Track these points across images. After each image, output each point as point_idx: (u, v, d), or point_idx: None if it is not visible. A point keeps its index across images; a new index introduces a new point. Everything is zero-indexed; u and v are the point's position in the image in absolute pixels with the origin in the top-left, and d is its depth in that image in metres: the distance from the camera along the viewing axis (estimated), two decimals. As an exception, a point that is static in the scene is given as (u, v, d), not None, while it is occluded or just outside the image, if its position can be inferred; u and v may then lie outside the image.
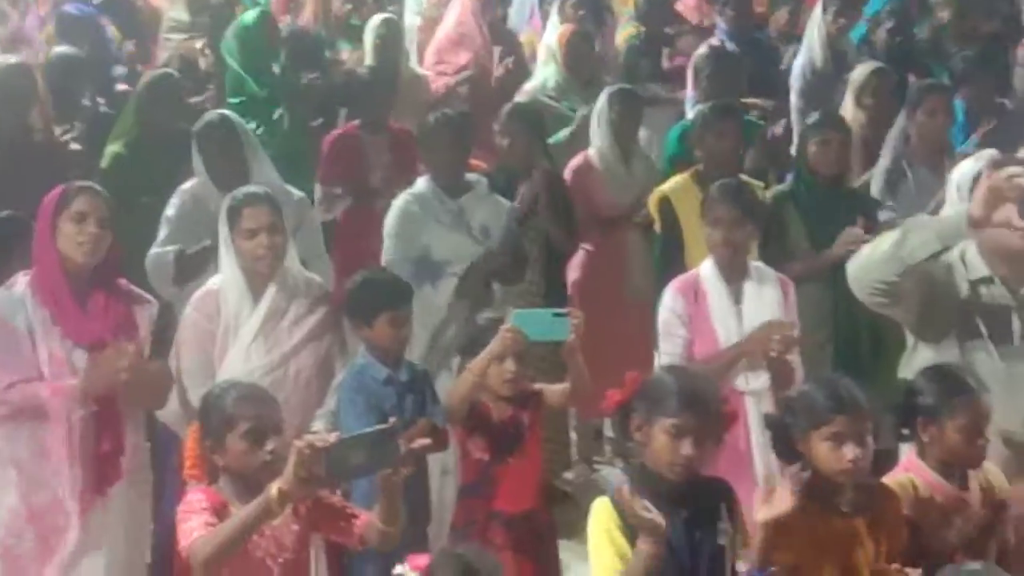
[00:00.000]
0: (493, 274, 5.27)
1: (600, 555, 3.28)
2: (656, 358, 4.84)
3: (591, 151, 6.23)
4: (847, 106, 6.39)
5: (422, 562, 2.99)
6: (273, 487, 3.19)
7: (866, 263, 3.76)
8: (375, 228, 5.38)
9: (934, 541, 3.51)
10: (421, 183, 5.33)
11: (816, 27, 7.37)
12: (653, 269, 5.73)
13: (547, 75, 7.24)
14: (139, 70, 7.27)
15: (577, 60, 7.17)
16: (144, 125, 5.94)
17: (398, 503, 3.36)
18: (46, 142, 5.84)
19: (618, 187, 6.13)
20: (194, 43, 7.67)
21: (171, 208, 5.21)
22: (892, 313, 3.95)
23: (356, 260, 5.37)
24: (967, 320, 3.84)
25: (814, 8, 7.51)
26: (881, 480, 3.54)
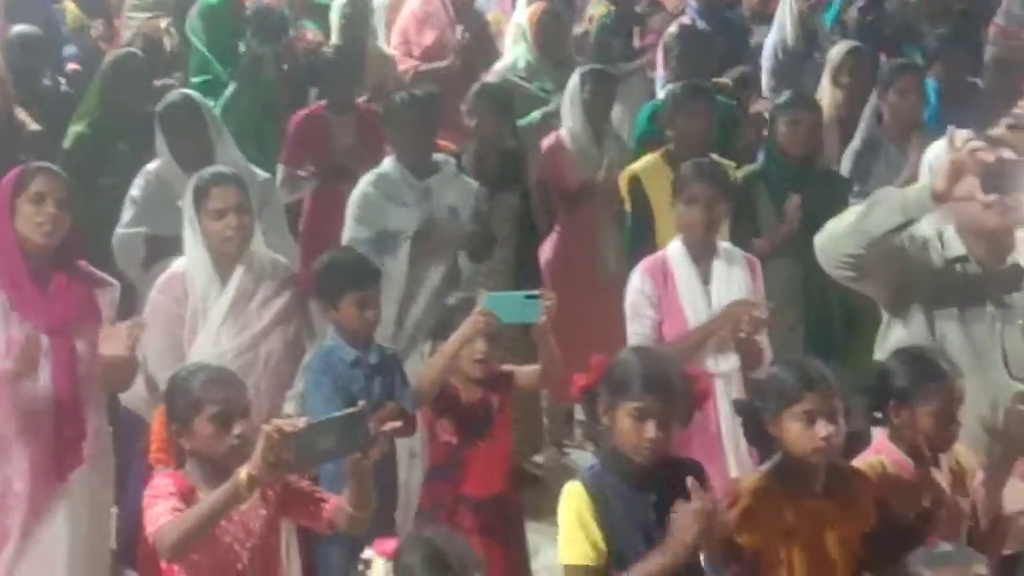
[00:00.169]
0: (462, 246, 5.24)
1: (570, 538, 3.26)
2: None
3: (563, 131, 6.21)
4: (824, 85, 6.40)
5: (389, 547, 2.95)
6: (241, 472, 3.15)
7: (832, 236, 3.74)
8: (341, 209, 5.32)
9: (904, 523, 3.49)
10: (387, 163, 5.29)
11: (788, 6, 7.39)
12: (625, 249, 5.72)
13: (517, 54, 7.21)
14: (103, 49, 7.19)
15: (548, 39, 7.15)
16: (108, 105, 5.88)
17: (368, 487, 3.33)
18: (4, 123, 5.76)
19: (590, 167, 6.10)
20: (158, 22, 7.59)
21: (136, 189, 5.17)
22: (862, 287, 3.94)
23: (322, 242, 5.34)
24: (940, 297, 3.83)
25: (786, -13, 7.52)
26: (851, 462, 3.53)
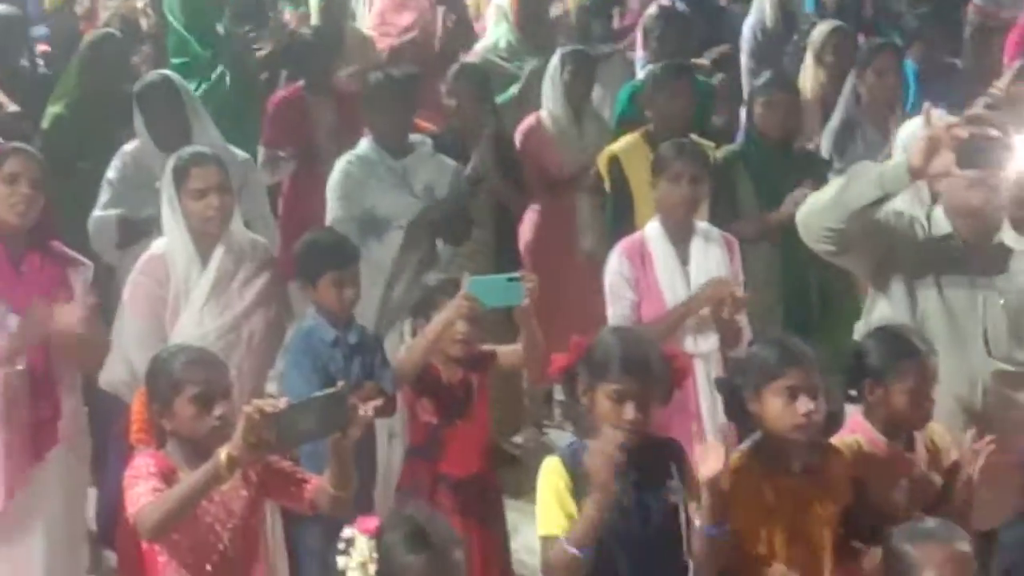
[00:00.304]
0: (438, 233, 5.23)
1: (547, 510, 3.27)
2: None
3: (543, 112, 6.20)
4: (807, 65, 6.41)
5: (372, 525, 2.95)
6: (222, 452, 3.14)
7: (812, 209, 3.75)
8: (320, 190, 5.31)
9: (882, 501, 3.51)
10: (364, 144, 5.28)
11: (767, -13, 7.36)
12: (605, 230, 5.72)
13: (499, 35, 7.19)
14: (82, 30, 7.15)
15: (529, 19, 7.13)
16: (86, 86, 5.85)
17: (349, 467, 3.32)
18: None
19: (569, 148, 6.10)
20: (135, 2, 7.55)
21: (112, 170, 5.15)
22: (844, 262, 3.95)
23: (301, 223, 5.34)
24: (922, 273, 3.83)
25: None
26: (829, 441, 3.54)
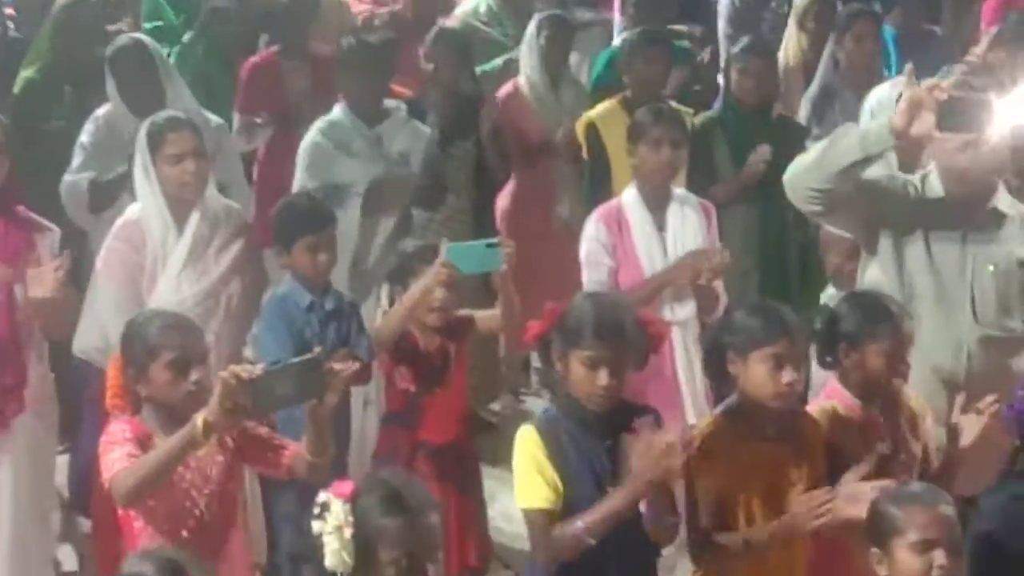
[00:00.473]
0: (413, 200, 5.21)
1: (526, 482, 3.27)
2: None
3: (520, 79, 6.17)
4: (790, 31, 6.40)
5: (347, 489, 2.94)
6: (198, 418, 3.13)
7: (796, 171, 3.77)
8: (295, 156, 5.26)
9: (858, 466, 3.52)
10: (337, 110, 5.24)
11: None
12: (582, 197, 5.71)
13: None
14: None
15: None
16: (59, 51, 5.78)
17: (326, 433, 3.32)
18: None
19: (547, 114, 6.08)
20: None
21: (85, 135, 5.12)
22: (831, 222, 3.99)
23: (276, 189, 5.30)
24: (910, 236, 3.84)
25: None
26: (804, 407, 3.56)
